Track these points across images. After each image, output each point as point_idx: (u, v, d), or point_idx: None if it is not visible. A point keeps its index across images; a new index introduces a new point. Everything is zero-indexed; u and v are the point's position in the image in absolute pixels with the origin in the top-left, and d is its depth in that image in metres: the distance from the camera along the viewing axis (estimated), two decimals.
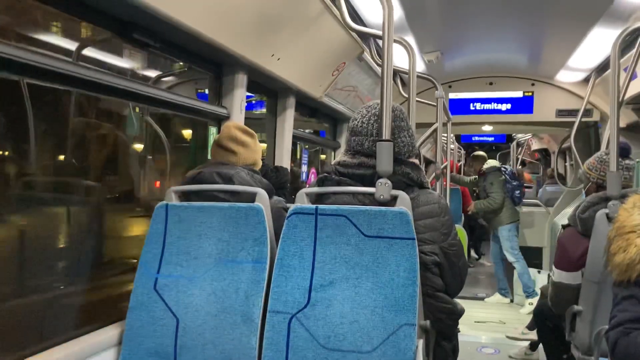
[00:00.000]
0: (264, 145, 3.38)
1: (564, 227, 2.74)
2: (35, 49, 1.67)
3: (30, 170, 2.20)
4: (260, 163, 2.37)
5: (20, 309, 1.98)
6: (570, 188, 5.29)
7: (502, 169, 6.19)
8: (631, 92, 3.54)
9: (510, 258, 5.82)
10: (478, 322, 5.48)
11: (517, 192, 5.93)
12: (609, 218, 2.32)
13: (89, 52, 2.24)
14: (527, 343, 4.48)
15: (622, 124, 4.36)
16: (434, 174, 4.01)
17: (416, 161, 1.98)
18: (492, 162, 6.23)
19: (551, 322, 3.12)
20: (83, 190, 2.48)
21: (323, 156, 5.97)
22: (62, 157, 2.48)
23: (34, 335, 1.92)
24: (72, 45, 2.19)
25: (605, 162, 2.75)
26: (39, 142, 2.14)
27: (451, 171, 6.62)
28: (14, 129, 2.01)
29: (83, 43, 2.19)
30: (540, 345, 3.65)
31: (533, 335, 4.30)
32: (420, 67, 4.50)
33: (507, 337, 4.92)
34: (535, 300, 6.08)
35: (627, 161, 2.70)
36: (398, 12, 3.32)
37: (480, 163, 6.33)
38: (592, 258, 2.39)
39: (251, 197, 2.02)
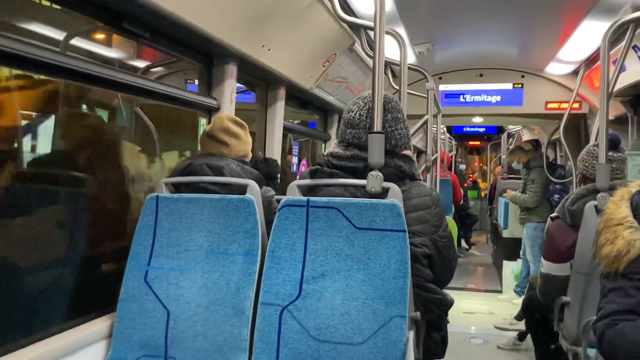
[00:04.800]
0: None
1: (552, 219, 2.77)
2: (22, 38, 1.65)
3: None
4: (251, 155, 2.37)
5: None
6: (558, 180, 5.32)
7: (552, 168, 5.47)
8: (620, 84, 3.56)
9: (529, 257, 5.44)
10: (467, 312, 5.53)
11: (557, 196, 5.25)
12: (598, 210, 2.34)
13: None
14: (515, 333, 4.52)
15: (611, 116, 4.39)
16: (424, 165, 4.02)
17: (409, 153, 1.98)
18: (539, 158, 5.51)
19: (539, 313, 3.16)
20: None
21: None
22: None
23: None
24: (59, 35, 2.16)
25: (591, 153, 2.77)
26: None
27: (442, 162, 6.55)
28: None
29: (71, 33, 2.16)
30: (529, 336, 3.70)
31: (521, 325, 4.35)
32: (411, 58, 4.49)
33: (496, 327, 4.97)
34: (505, 297, 6.13)
35: (611, 153, 2.69)
36: (389, 4, 3.31)
37: (526, 155, 5.72)
38: (581, 250, 2.41)
39: (242, 189, 2.02)
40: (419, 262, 1.86)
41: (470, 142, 15.75)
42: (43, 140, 2.23)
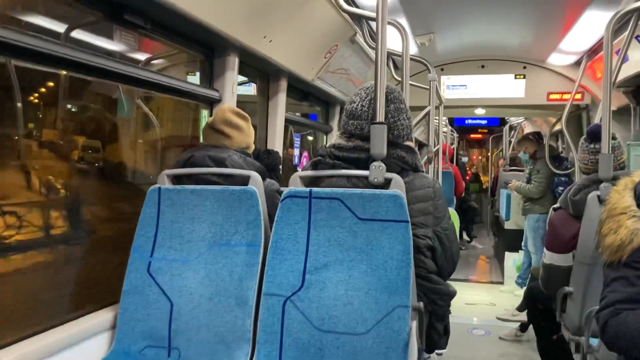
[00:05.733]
0: None
1: (555, 209, 2.76)
2: (23, 30, 1.64)
3: None
4: (253, 146, 2.37)
5: None
6: (560, 171, 5.32)
7: (557, 159, 5.43)
8: (622, 75, 3.55)
9: (530, 248, 5.40)
10: (469, 304, 5.54)
11: (561, 188, 5.12)
12: (601, 200, 2.34)
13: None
14: (517, 324, 4.53)
15: (613, 107, 4.38)
16: (426, 156, 4.02)
17: (412, 144, 1.97)
18: (545, 149, 5.33)
19: (541, 304, 3.16)
20: None
21: None
22: None
23: None
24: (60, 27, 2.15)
25: (581, 147, 2.78)
26: None
27: (444, 154, 6.53)
28: None
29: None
30: (531, 326, 3.71)
31: (523, 316, 4.36)
32: (412, 49, 4.47)
33: (498, 318, 4.98)
34: (507, 288, 6.13)
35: (593, 145, 2.68)
36: None
37: (533, 146, 5.65)
38: (583, 240, 2.41)
39: (244, 180, 2.02)
40: (422, 253, 1.86)
41: (472, 135, 15.69)
42: None
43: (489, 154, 13.55)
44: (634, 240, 1.61)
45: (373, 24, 3.31)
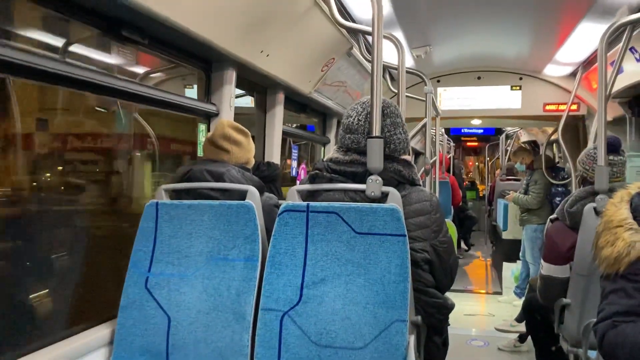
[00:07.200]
0: None
1: (552, 220, 2.77)
2: (20, 45, 1.65)
3: None
4: (253, 161, 2.37)
5: None
6: (558, 182, 5.33)
7: (554, 170, 5.48)
8: (618, 86, 3.57)
9: (528, 258, 5.42)
10: (467, 315, 5.53)
11: (558, 199, 5.12)
12: (597, 212, 2.34)
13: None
14: (516, 335, 4.52)
15: (609, 118, 4.40)
16: (423, 168, 4.03)
17: (408, 157, 1.98)
18: (542, 159, 5.38)
19: (540, 315, 3.15)
20: None
21: None
22: None
23: None
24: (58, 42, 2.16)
25: (591, 156, 2.76)
26: None
27: (440, 164, 6.52)
28: None
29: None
30: (529, 337, 3.70)
31: (522, 327, 4.36)
32: (408, 62, 4.50)
33: (496, 329, 4.97)
34: (505, 299, 6.12)
35: (611, 157, 2.66)
36: (387, 8, 3.32)
37: (529, 156, 5.74)
38: (581, 251, 2.41)
39: (242, 195, 2.02)
40: (420, 267, 1.86)
41: (468, 144, 15.75)
42: None
43: (486, 160, 13.58)
44: (630, 252, 1.62)
45: (369, 38, 3.33)
